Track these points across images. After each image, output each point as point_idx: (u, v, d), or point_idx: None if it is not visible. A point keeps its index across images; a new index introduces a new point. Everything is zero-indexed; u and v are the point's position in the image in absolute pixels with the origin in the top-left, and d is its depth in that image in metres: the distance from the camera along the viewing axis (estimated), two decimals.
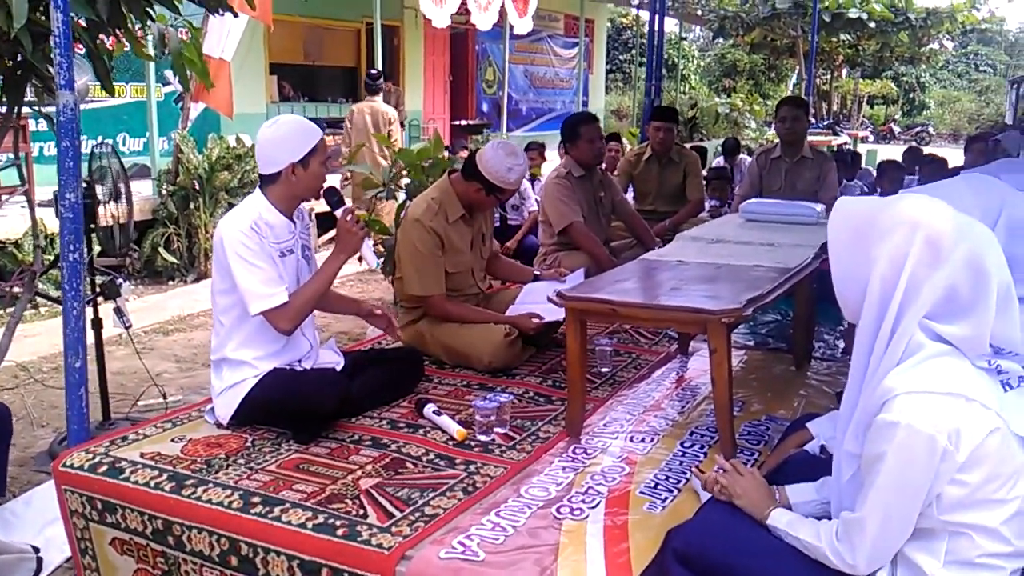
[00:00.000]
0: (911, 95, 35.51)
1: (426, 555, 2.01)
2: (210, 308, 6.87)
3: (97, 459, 2.53)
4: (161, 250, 7.82)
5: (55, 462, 2.56)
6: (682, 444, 2.67)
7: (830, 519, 1.80)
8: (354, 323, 6.31)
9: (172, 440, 2.69)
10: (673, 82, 19.37)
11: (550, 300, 2.74)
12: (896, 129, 31.67)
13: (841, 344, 3.78)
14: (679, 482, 2.41)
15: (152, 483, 2.39)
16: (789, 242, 3.36)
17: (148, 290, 7.72)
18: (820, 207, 3.94)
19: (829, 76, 23.67)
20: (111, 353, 5.33)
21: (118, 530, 2.44)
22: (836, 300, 3.87)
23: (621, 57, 28.26)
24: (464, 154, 8.02)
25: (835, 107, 25.78)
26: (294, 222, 2.90)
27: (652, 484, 2.38)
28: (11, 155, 3.93)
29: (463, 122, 14.82)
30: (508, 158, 3.34)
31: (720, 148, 8.65)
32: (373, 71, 8.81)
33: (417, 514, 2.20)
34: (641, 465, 2.51)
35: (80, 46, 3.32)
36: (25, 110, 5.62)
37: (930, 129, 32.34)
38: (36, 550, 3.18)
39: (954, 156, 8.19)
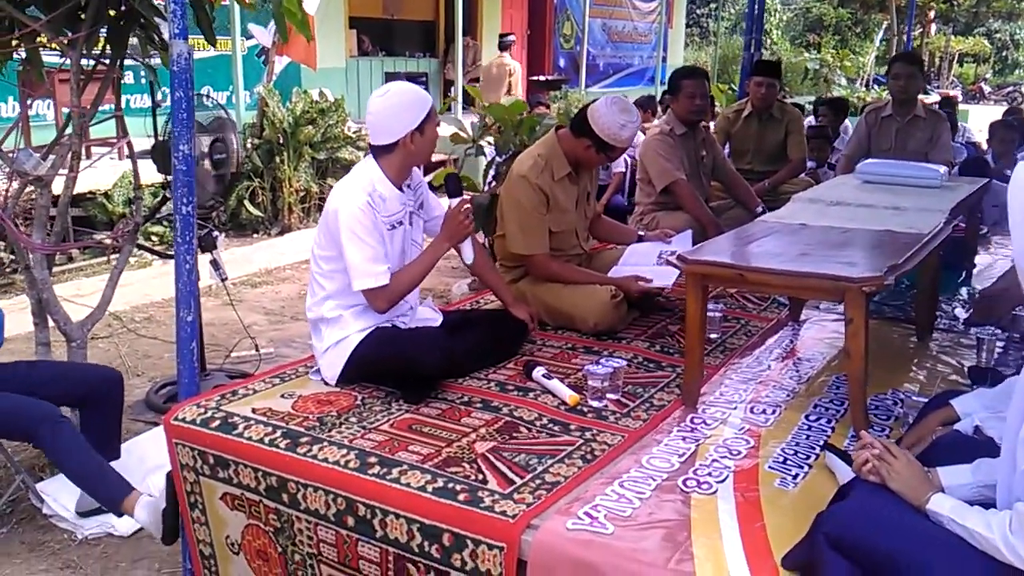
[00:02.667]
0: (1004, 53, 33.89)
1: (553, 526, 1.94)
2: (295, 262, 7.02)
3: (209, 413, 2.51)
4: (246, 203, 7.86)
5: (166, 416, 2.56)
6: (807, 417, 2.54)
7: (987, 506, 1.67)
8: (438, 280, 6.28)
9: (282, 396, 2.66)
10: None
11: (669, 262, 2.63)
12: (986, 88, 30.29)
13: (962, 314, 3.58)
14: (808, 457, 2.29)
15: (266, 439, 2.36)
16: (915, 206, 3.17)
17: (234, 243, 7.79)
18: (943, 169, 3.73)
19: (919, 32, 22.67)
20: (202, 304, 5.39)
21: (230, 485, 2.42)
22: (956, 268, 3.64)
23: (699, 11, 27.49)
24: (541, 109, 7.90)
25: (924, 64, 24.68)
26: (405, 193, 2.84)
27: (780, 459, 2.27)
28: (111, 107, 3.93)
29: (540, 77, 14.57)
30: (621, 115, 3.20)
31: (813, 106, 8.30)
32: (504, 32, 10.44)
33: (538, 481, 2.13)
34: (766, 438, 2.40)
35: None
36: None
37: (1023, 89, 30.86)
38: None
39: None
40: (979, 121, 10.72)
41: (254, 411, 2.53)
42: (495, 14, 14.03)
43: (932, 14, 21.21)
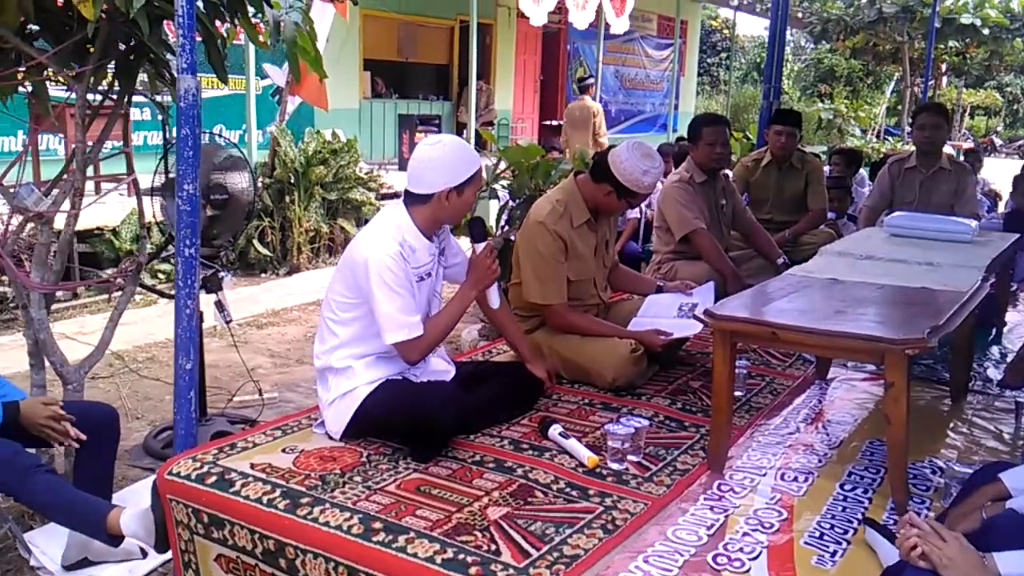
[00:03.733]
0: (1015, 106, 33.95)
1: None
2: (303, 303, 6.89)
3: (205, 468, 2.37)
4: (255, 242, 7.77)
5: (160, 470, 2.41)
6: (841, 487, 2.39)
7: None
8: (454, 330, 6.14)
9: (283, 450, 2.51)
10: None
11: (696, 317, 2.48)
12: (998, 141, 30.28)
13: (995, 375, 3.42)
14: (846, 532, 2.13)
15: (264, 499, 2.21)
16: (950, 262, 3.03)
17: (241, 282, 7.69)
18: (975, 224, 3.60)
19: (932, 84, 22.70)
20: (206, 345, 5.25)
21: (225, 547, 2.27)
22: (986, 325, 3.48)
23: (709, 60, 27.64)
24: (555, 155, 7.83)
25: (951, 116, 24.64)
26: (433, 242, 2.74)
27: (816, 534, 2.11)
28: (118, 143, 3.83)
29: (553, 122, 14.58)
30: (644, 160, 3.09)
31: (827, 156, 8.21)
32: (583, 75, 11.24)
33: (556, 554, 1.98)
34: (799, 509, 2.24)
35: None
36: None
37: None
38: (144, 553, 3.06)
39: None
40: (992, 173, 10.64)
41: (253, 466, 2.39)
42: (509, 58, 14.08)
43: (944, 67, 21.22)
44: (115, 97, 3.37)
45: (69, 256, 6.67)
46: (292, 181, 7.87)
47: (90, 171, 6.81)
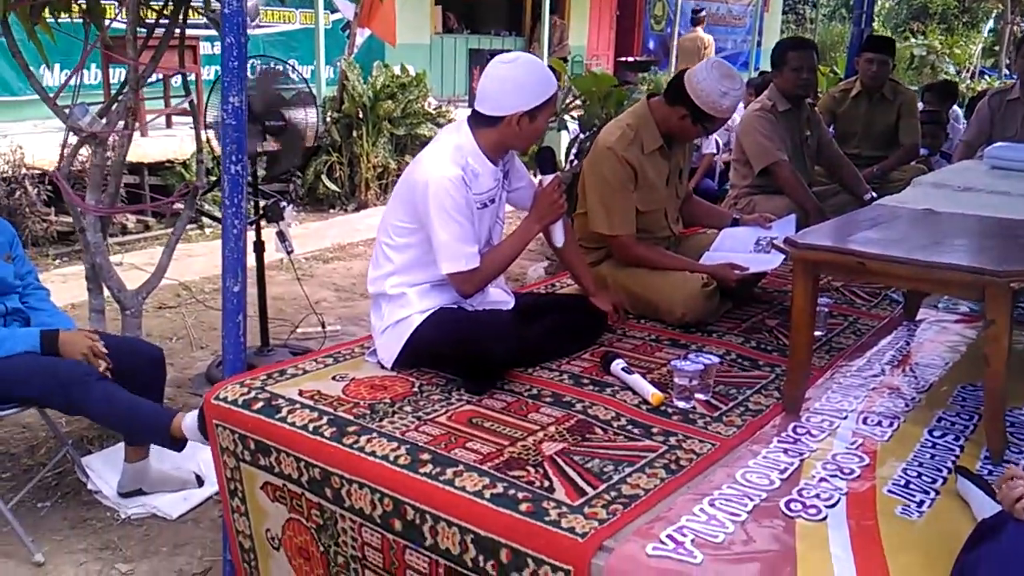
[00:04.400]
0: None
1: (630, 550, 1.64)
2: (369, 239, 6.82)
3: (253, 394, 2.28)
4: (323, 178, 7.73)
5: (207, 394, 2.34)
6: (930, 432, 2.18)
7: None
8: (515, 262, 6.01)
9: (333, 378, 2.42)
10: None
11: (775, 246, 2.29)
12: None
13: None
14: (935, 481, 1.93)
15: (311, 426, 2.12)
16: None
17: (309, 217, 7.68)
18: None
19: None
20: (271, 278, 5.24)
21: (271, 474, 2.19)
22: None
23: None
24: (628, 86, 7.55)
25: None
26: (498, 167, 2.57)
27: (901, 482, 1.92)
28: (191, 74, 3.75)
29: (629, 59, 14.14)
30: (724, 80, 2.85)
31: (920, 91, 7.74)
32: (695, 7, 11.56)
33: (613, 493, 1.83)
34: (882, 456, 2.04)
35: None
36: (198, 31, 5.54)
37: None
38: (200, 481, 3.05)
39: None
40: None
41: (301, 393, 2.30)
42: None
43: None
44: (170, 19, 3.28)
45: (138, 187, 6.76)
46: (360, 116, 7.78)
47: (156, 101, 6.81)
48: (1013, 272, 1.91)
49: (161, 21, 3.30)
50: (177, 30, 3.27)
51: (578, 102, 5.28)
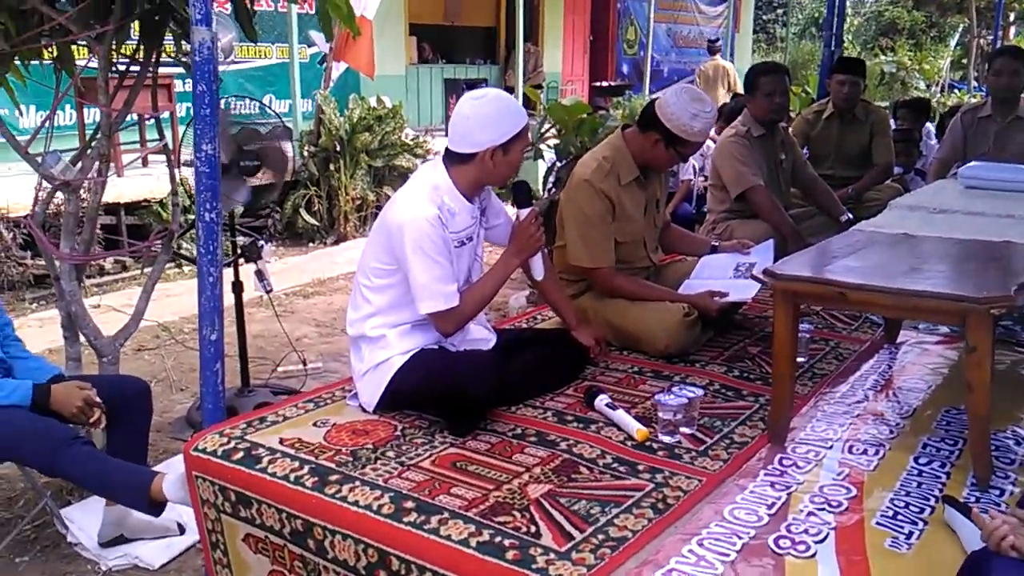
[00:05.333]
0: None
1: None
2: (349, 272, 6.78)
3: (232, 444, 2.25)
4: (302, 211, 7.70)
5: (186, 446, 2.30)
6: (915, 460, 2.18)
7: None
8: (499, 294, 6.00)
9: (314, 424, 2.39)
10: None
11: (754, 277, 2.28)
12: None
13: None
14: (923, 511, 1.92)
15: (292, 476, 2.09)
16: None
17: (288, 252, 7.63)
18: None
19: (994, 36, 21.71)
20: (251, 315, 5.18)
21: (253, 526, 2.15)
22: None
23: (765, 17, 26.80)
24: (601, 113, 7.58)
25: None
26: (474, 204, 2.56)
27: (889, 513, 1.91)
28: (165, 115, 3.72)
29: (603, 83, 14.24)
30: (694, 103, 2.86)
31: (892, 108, 7.81)
32: (712, 38, 12.34)
33: (601, 536, 1.81)
34: (869, 486, 2.04)
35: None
36: (172, 70, 5.52)
37: None
38: (182, 529, 2.99)
39: None
40: None
41: (282, 441, 2.26)
42: (557, 19, 13.76)
43: (1012, 16, 20.21)
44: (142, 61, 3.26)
45: (115, 228, 6.71)
46: (338, 149, 7.76)
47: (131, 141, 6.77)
48: (993, 298, 1.92)
49: (134, 63, 3.28)
50: (150, 72, 3.25)
51: (553, 131, 5.30)
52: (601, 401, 2.44)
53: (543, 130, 5.40)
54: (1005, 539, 1.47)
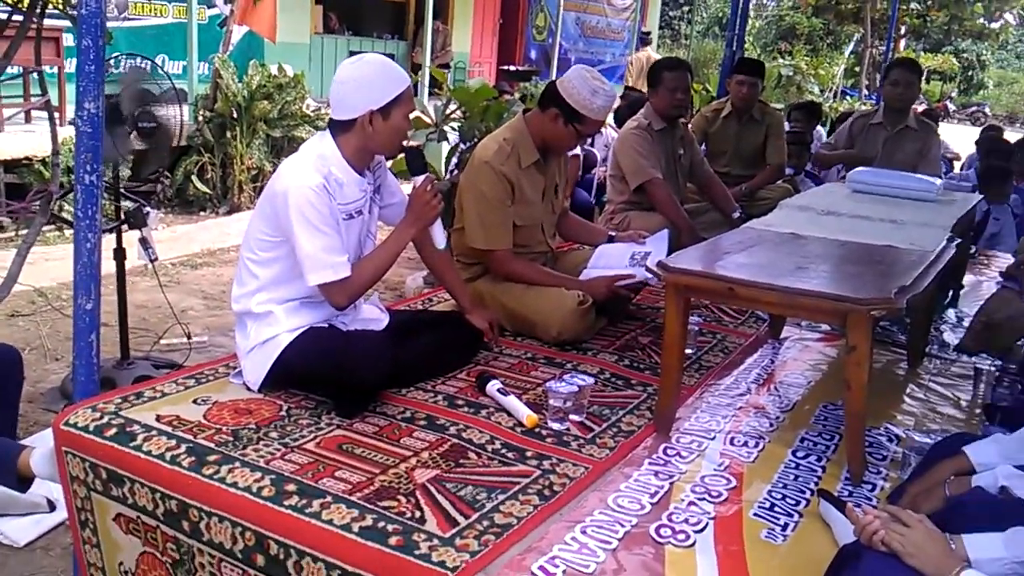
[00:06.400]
0: (970, 73, 34.15)
1: None
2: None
3: (105, 419, 2.14)
4: (194, 179, 7.43)
5: (56, 420, 2.18)
6: (793, 453, 2.25)
7: None
8: (393, 271, 5.92)
9: (194, 401, 2.29)
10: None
11: (649, 271, 2.31)
12: (951, 107, 30.46)
13: (952, 339, 3.32)
14: (798, 503, 1.99)
15: (168, 455, 2.00)
16: (914, 220, 2.90)
17: (178, 220, 7.36)
18: (939, 182, 3.47)
19: (887, 47, 22.70)
20: (135, 284, 4.97)
21: (124, 505, 2.06)
22: (943, 288, 3.31)
23: (671, 14, 27.30)
24: (507, 98, 7.55)
25: (924, 75, 24.57)
26: (365, 177, 2.49)
27: (767, 504, 1.97)
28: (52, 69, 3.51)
29: (511, 67, 14.22)
30: (593, 80, 2.87)
31: (787, 111, 8.06)
32: (644, 30, 13.02)
33: (486, 522, 1.80)
34: (749, 477, 2.09)
35: None
36: (60, 22, 5.22)
37: (986, 110, 31.06)
38: (52, 506, 2.85)
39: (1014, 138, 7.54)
40: (946, 138, 10.64)
41: (159, 419, 2.17)
42: (467, 1, 13.65)
43: (904, 29, 21.15)
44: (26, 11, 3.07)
45: None
46: (235, 116, 7.51)
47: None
48: (873, 300, 1.98)
49: (17, 12, 3.08)
50: (34, 24, 3.05)
51: (458, 112, 5.24)
52: (493, 386, 2.43)
53: (447, 111, 5.34)
54: (876, 534, 1.53)
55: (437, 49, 12.02)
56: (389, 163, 2.91)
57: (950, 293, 3.81)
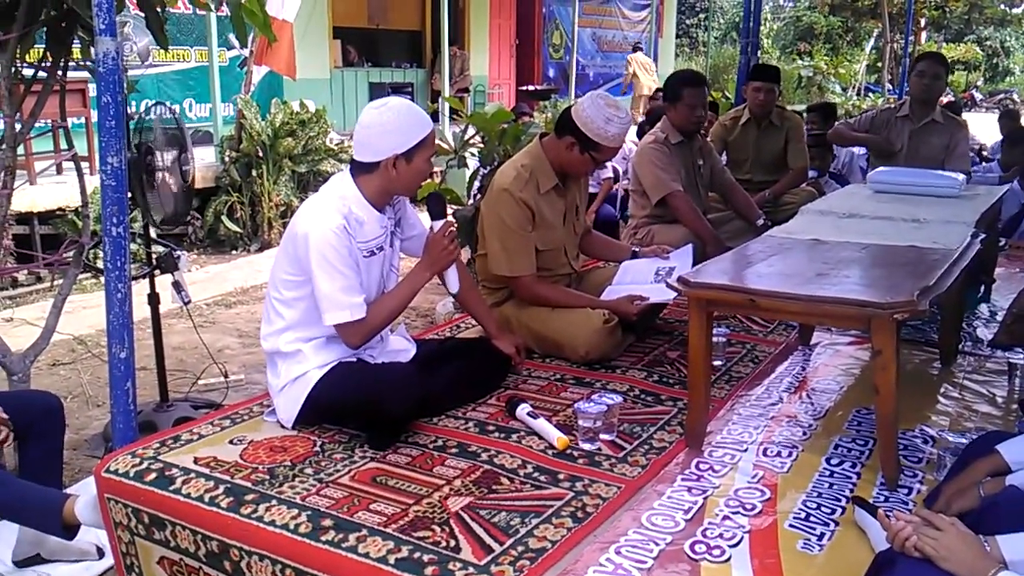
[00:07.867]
0: (995, 60, 33.74)
1: None
2: None
3: (145, 464, 2.19)
4: (224, 218, 7.55)
5: (97, 467, 2.24)
6: (827, 461, 2.24)
7: None
8: (423, 298, 5.96)
9: (230, 442, 2.34)
10: None
11: (669, 286, 2.32)
12: (978, 96, 30.08)
13: (986, 334, 3.28)
14: (834, 512, 1.98)
15: (207, 497, 2.04)
16: (937, 218, 2.88)
17: (210, 260, 7.48)
18: (962, 177, 3.44)
19: (906, 40, 22.54)
20: (171, 326, 5.06)
21: (167, 548, 2.10)
22: (974, 283, 3.29)
23: (688, 22, 27.32)
24: (526, 119, 7.60)
25: (951, 67, 24.35)
26: (385, 213, 2.53)
27: (802, 515, 1.96)
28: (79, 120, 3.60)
29: (530, 87, 14.32)
30: (607, 108, 2.89)
31: (805, 113, 8.03)
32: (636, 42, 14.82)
33: (520, 548, 1.82)
34: (783, 488, 2.09)
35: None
36: (85, 75, 5.35)
37: (1014, 95, 30.64)
38: (100, 552, 2.90)
39: None
40: (975, 127, 10.51)
41: (196, 461, 2.21)
42: (483, 23, 13.77)
43: (923, 21, 21.00)
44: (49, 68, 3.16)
45: (29, 238, 6.48)
46: (260, 154, 7.63)
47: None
48: (896, 304, 1.98)
49: (41, 69, 3.18)
50: (59, 79, 3.15)
51: (477, 137, 5.29)
52: (522, 410, 2.45)
53: (466, 137, 5.39)
54: (908, 540, 1.52)
55: (456, 74, 12.13)
56: None
57: (981, 288, 3.77)
